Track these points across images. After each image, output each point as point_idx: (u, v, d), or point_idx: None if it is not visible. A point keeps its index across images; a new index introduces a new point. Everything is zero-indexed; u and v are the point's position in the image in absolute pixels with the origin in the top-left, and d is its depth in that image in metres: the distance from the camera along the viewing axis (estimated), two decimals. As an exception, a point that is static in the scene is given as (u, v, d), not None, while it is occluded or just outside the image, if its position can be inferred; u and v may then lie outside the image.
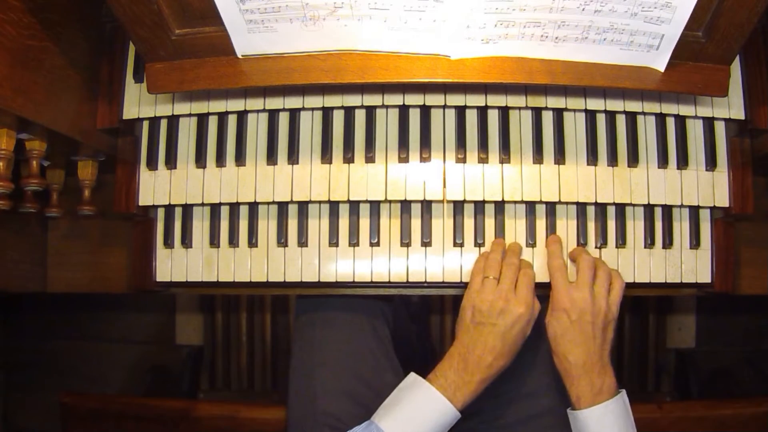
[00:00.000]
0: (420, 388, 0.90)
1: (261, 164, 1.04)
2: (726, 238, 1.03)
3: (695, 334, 1.89)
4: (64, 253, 1.17)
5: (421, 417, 0.88)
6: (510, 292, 0.92)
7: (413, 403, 0.89)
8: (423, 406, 0.89)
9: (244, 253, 1.05)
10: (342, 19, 0.84)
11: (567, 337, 0.91)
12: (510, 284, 0.93)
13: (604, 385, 0.89)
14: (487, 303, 0.92)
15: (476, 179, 1.02)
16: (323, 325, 1.10)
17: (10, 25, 0.82)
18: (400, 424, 0.87)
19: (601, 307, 0.91)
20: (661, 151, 1.03)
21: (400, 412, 0.88)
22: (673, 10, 0.81)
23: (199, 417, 1.29)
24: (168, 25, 0.87)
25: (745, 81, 1.02)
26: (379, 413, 0.90)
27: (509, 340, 0.91)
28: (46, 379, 1.96)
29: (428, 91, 1.02)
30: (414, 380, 0.92)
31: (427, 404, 0.89)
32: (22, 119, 0.86)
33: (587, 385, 0.89)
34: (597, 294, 0.92)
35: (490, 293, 0.93)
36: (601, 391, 0.89)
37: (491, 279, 0.94)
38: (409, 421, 0.88)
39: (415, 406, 0.89)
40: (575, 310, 0.91)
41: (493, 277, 0.95)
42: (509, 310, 0.91)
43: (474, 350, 0.91)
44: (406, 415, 0.88)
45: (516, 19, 0.84)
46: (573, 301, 0.91)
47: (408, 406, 0.89)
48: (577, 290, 0.92)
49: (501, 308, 0.91)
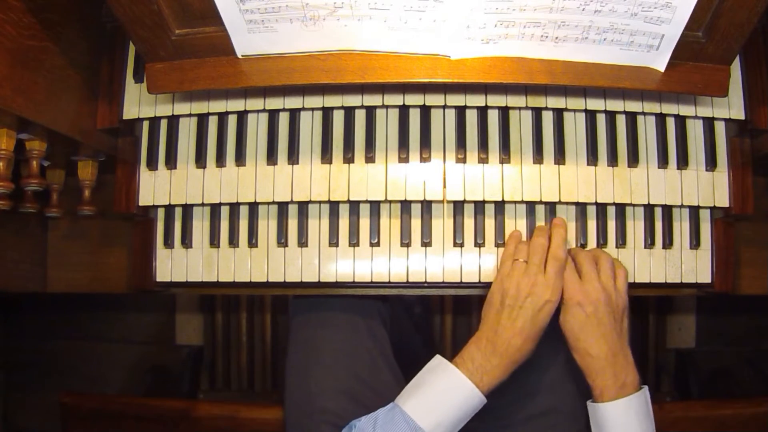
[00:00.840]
0: (445, 371, 0.89)
1: (261, 164, 1.04)
2: (726, 238, 1.03)
3: (695, 334, 1.89)
4: (64, 253, 1.17)
5: (446, 401, 0.86)
6: (539, 275, 0.91)
7: (438, 387, 0.87)
8: (448, 390, 0.87)
9: (244, 254, 1.05)
10: (342, 19, 0.84)
11: (586, 331, 0.90)
12: (538, 267, 0.92)
13: (628, 379, 0.88)
14: (514, 286, 0.91)
15: (476, 179, 1.02)
16: (319, 325, 1.09)
17: (10, 25, 0.82)
18: (424, 406, 0.86)
19: (612, 296, 0.91)
20: (661, 151, 1.03)
21: (424, 395, 0.87)
22: (673, 10, 0.81)
23: (199, 417, 1.29)
24: (168, 25, 0.87)
25: (745, 81, 1.02)
26: (403, 396, 0.88)
27: (538, 322, 0.90)
28: (46, 379, 1.96)
29: (428, 91, 1.02)
30: (439, 363, 0.90)
31: (453, 388, 0.87)
32: (22, 119, 0.86)
33: (611, 377, 0.88)
34: (606, 284, 0.91)
35: (519, 276, 0.92)
36: (625, 384, 0.88)
37: (521, 262, 0.94)
38: (433, 405, 0.86)
39: (440, 389, 0.87)
40: (589, 302, 0.90)
41: (522, 260, 0.94)
42: (536, 293, 0.90)
43: (503, 333, 0.90)
44: (431, 398, 0.87)
45: (516, 19, 0.84)
46: (586, 294, 0.90)
47: (433, 389, 0.87)
48: (587, 283, 0.91)
49: (528, 292, 0.91)
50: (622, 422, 0.86)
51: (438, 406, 0.86)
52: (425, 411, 0.85)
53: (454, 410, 0.86)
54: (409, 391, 0.88)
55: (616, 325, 0.90)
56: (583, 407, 1.05)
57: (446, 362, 0.90)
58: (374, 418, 0.87)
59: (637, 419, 0.86)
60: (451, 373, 0.88)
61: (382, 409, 0.88)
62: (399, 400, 0.88)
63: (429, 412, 0.85)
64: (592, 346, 0.89)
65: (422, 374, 0.90)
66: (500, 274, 0.95)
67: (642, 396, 0.88)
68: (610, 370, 0.88)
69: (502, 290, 0.93)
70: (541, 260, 0.93)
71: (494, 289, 0.94)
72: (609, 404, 0.87)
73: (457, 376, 0.87)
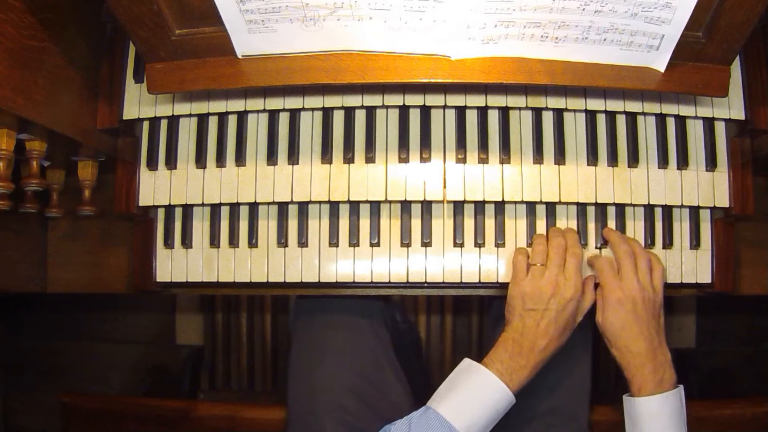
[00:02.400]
0: (477, 372, 0.90)
1: (261, 164, 1.04)
2: (726, 238, 1.03)
3: (695, 335, 1.89)
4: (64, 254, 1.17)
5: (479, 401, 0.88)
6: (560, 276, 0.93)
7: (470, 388, 0.89)
8: (480, 390, 0.88)
9: (244, 254, 1.05)
10: (342, 19, 0.84)
11: (627, 329, 0.91)
12: (558, 268, 0.94)
13: (666, 375, 0.90)
14: (537, 289, 0.93)
15: (476, 179, 1.02)
16: (323, 325, 1.10)
17: (10, 25, 0.82)
18: (457, 407, 0.87)
19: (649, 292, 0.92)
20: (662, 151, 1.03)
21: (456, 397, 0.88)
22: (674, 10, 0.81)
23: (200, 417, 1.29)
24: (168, 25, 0.87)
25: (745, 81, 1.02)
26: (435, 399, 0.89)
27: (561, 323, 0.92)
28: (46, 379, 1.96)
29: (428, 91, 1.02)
30: (470, 365, 0.91)
31: (484, 388, 0.89)
32: (22, 119, 0.86)
33: (651, 373, 0.89)
34: (643, 281, 0.93)
35: (539, 279, 0.94)
36: (663, 380, 0.89)
37: (538, 266, 0.95)
38: (466, 405, 0.87)
39: (473, 390, 0.89)
40: (629, 299, 0.91)
41: (540, 263, 0.95)
42: (559, 293, 0.92)
43: (528, 335, 0.91)
44: (464, 399, 0.88)
45: (516, 20, 0.84)
46: (624, 291, 0.92)
47: (465, 390, 0.89)
48: (625, 280, 0.93)
49: (551, 293, 0.92)
50: (657, 417, 0.88)
51: (471, 406, 0.87)
52: (458, 412, 0.87)
53: (487, 410, 0.87)
54: (441, 394, 0.90)
55: (654, 321, 0.92)
56: (583, 407, 1.05)
57: (477, 364, 0.91)
58: (408, 421, 0.88)
59: (670, 416, 0.88)
60: (483, 374, 0.89)
61: (416, 412, 0.89)
62: (432, 403, 0.89)
63: (462, 413, 0.87)
64: (633, 343, 0.91)
65: (453, 377, 0.92)
66: (516, 279, 0.96)
67: (678, 394, 0.90)
68: (650, 365, 0.89)
69: (523, 294, 0.94)
70: (561, 260, 0.95)
71: (514, 294, 0.95)
72: (646, 399, 0.88)
73: (488, 377, 0.89)
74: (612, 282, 0.93)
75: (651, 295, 0.93)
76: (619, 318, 0.92)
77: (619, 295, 0.92)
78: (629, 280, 0.92)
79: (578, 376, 1.05)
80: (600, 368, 1.72)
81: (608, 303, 0.93)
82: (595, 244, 1.03)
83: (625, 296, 0.92)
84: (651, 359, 0.90)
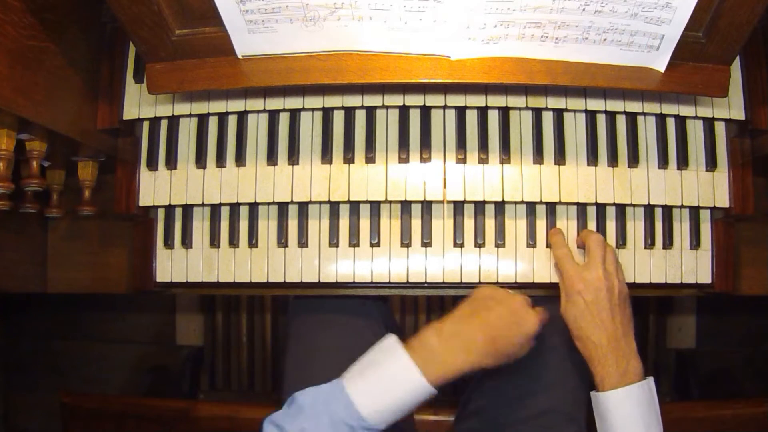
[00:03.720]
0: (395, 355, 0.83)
1: (261, 165, 1.04)
2: (726, 238, 1.03)
3: (695, 335, 1.89)
4: (65, 254, 1.17)
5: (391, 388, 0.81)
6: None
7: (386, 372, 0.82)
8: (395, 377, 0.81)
9: (244, 254, 1.05)
10: (342, 19, 0.84)
11: (586, 319, 0.90)
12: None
13: (630, 367, 0.87)
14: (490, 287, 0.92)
15: (476, 180, 1.02)
16: (319, 325, 1.09)
17: (10, 25, 0.82)
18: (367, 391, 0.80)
19: (614, 284, 0.91)
20: (662, 151, 1.03)
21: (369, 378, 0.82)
22: (674, 10, 0.81)
23: (200, 417, 1.29)
24: (168, 25, 0.87)
25: (745, 81, 1.02)
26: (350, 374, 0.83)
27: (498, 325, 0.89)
28: (46, 379, 1.96)
29: (428, 91, 1.02)
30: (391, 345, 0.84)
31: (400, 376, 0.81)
32: (22, 119, 0.86)
33: (613, 364, 0.87)
34: (609, 271, 0.92)
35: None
36: (626, 372, 0.87)
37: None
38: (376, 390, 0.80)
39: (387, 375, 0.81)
40: (590, 290, 0.90)
41: None
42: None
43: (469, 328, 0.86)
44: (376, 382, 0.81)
45: (516, 20, 0.84)
46: (586, 282, 0.91)
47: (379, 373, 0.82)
48: (589, 271, 0.92)
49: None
50: (623, 412, 0.85)
51: (381, 392, 0.81)
52: (367, 396, 0.80)
53: (398, 400, 0.81)
54: (356, 371, 0.83)
55: (619, 311, 0.90)
56: (580, 408, 1.05)
57: (398, 347, 0.83)
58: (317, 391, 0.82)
59: (639, 409, 0.85)
60: (401, 359, 0.82)
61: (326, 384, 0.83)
62: (345, 379, 0.83)
63: (371, 398, 0.80)
64: (593, 333, 0.89)
65: (373, 353, 0.85)
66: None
67: (645, 386, 0.87)
68: (612, 356, 0.88)
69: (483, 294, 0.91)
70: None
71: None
72: (610, 393, 0.86)
73: (406, 365, 0.81)
74: (573, 273, 0.92)
75: (617, 285, 0.91)
76: (578, 308, 0.90)
77: (580, 286, 0.91)
78: (593, 270, 0.91)
79: (577, 376, 1.05)
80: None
81: (569, 294, 0.92)
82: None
83: (586, 287, 0.90)
84: (612, 350, 0.88)
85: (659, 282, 1.02)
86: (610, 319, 0.89)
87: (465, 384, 1.14)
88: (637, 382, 0.86)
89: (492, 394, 1.06)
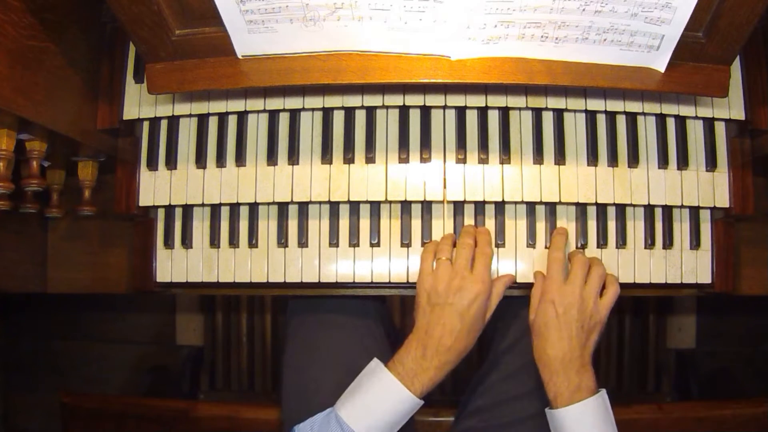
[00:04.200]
0: (378, 374, 0.89)
1: (261, 165, 1.04)
2: (726, 238, 1.03)
3: (695, 335, 1.89)
4: (65, 254, 1.17)
5: (379, 405, 0.87)
6: (466, 270, 0.92)
7: (371, 391, 0.88)
8: (381, 394, 0.88)
9: (244, 254, 1.05)
10: (342, 19, 0.84)
11: (550, 329, 0.90)
12: (466, 262, 0.93)
13: (582, 383, 0.88)
14: (443, 283, 0.91)
15: (476, 180, 1.02)
16: (317, 325, 1.10)
17: (10, 25, 0.82)
18: (358, 411, 0.87)
19: (588, 308, 0.91)
20: (662, 151, 1.03)
21: (358, 400, 0.88)
22: (674, 10, 0.81)
23: (199, 417, 1.29)
24: (168, 25, 0.87)
25: (745, 81, 1.02)
26: (340, 400, 0.89)
27: (468, 319, 0.90)
28: (46, 379, 1.96)
29: (428, 91, 1.02)
30: (375, 367, 0.91)
31: (385, 391, 0.88)
32: (22, 119, 0.86)
33: (564, 381, 0.88)
34: (587, 294, 0.92)
35: (446, 273, 0.92)
36: (579, 388, 0.87)
37: (444, 260, 0.94)
38: (366, 409, 0.87)
39: (374, 393, 0.88)
40: (563, 303, 0.90)
41: (446, 258, 0.94)
42: (466, 287, 0.90)
43: (433, 333, 0.90)
44: (364, 402, 0.88)
45: (516, 20, 0.84)
46: (562, 294, 0.91)
47: (366, 393, 0.88)
48: (569, 285, 0.92)
49: (458, 286, 0.91)
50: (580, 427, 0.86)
51: (371, 410, 0.87)
52: (358, 415, 0.86)
53: (387, 414, 0.87)
54: (345, 396, 0.90)
55: (582, 334, 0.90)
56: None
57: (381, 366, 0.90)
58: (312, 422, 0.88)
59: (595, 423, 0.86)
60: (384, 376, 0.89)
61: (320, 413, 0.89)
62: (336, 405, 0.89)
63: (362, 417, 0.86)
64: (552, 346, 0.89)
65: (359, 378, 0.91)
66: (423, 274, 0.95)
67: (599, 399, 0.87)
68: (564, 373, 0.88)
69: (428, 289, 0.93)
70: (468, 256, 0.93)
71: (419, 291, 0.94)
72: (563, 410, 0.86)
73: (389, 380, 0.88)
74: (554, 282, 0.93)
75: (590, 310, 0.91)
76: (547, 316, 0.91)
77: (555, 296, 0.91)
78: (572, 286, 0.91)
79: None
80: (599, 368, 1.72)
81: (542, 301, 0.92)
82: (596, 245, 1.03)
83: (561, 299, 0.91)
84: (565, 367, 0.88)
85: (659, 282, 1.02)
86: (571, 337, 0.89)
87: (465, 384, 1.14)
88: (591, 397, 0.87)
89: (492, 394, 1.06)
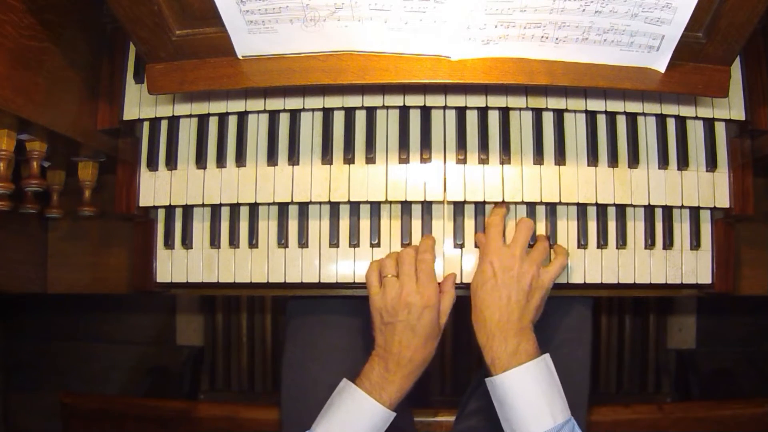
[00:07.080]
0: (348, 391, 0.91)
1: (261, 165, 1.04)
2: (726, 238, 1.03)
3: (696, 335, 1.89)
4: (65, 254, 1.17)
5: (352, 420, 0.89)
6: (411, 283, 0.92)
7: (343, 407, 0.90)
8: (353, 409, 0.90)
9: (244, 254, 1.05)
10: (342, 20, 0.84)
11: (486, 289, 0.91)
12: (410, 277, 0.93)
13: (521, 346, 0.87)
14: (391, 300, 0.92)
15: (477, 180, 1.02)
16: (316, 325, 1.10)
17: (10, 25, 0.82)
18: (334, 428, 0.89)
19: (528, 270, 0.91)
20: (662, 151, 1.03)
21: (333, 416, 0.90)
22: (674, 11, 0.81)
23: (200, 417, 1.29)
24: (168, 25, 0.87)
25: (745, 82, 1.02)
26: (317, 422, 0.91)
27: (421, 331, 0.91)
28: (46, 379, 1.96)
29: (429, 91, 1.02)
30: (344, 385, 0.93)
31: (356, 407, 0.90)
32: (22, 120, 0.86)
33: (502, 344, 0.87)
34: (528, 258, 0.92)
35: (392, 290, 0.93)
36: (517, 351, 0.87)
37: (390, 277, 0.95)
38: (341, 425, 0.89)
39: (346, 409, 0.90)
40: (500, 263, 0.91)
41: (391, 275, 0.95)
42: (413, 302, 0.91)
43: (391, 350, 0.91)
44: (338, 418, 0.89)
45: (516, 20, 0.84)
46: (500, 255, 0.92)
47: (338, 410, 0.90)
48: (508, 248, 0.93)
49: (405, 302, 0.92)
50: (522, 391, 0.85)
51: (345, 426, 0.89)
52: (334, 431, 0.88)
53: (362, 427, 0.89)
54: (320, 417, 0.91)
55: (521, 298, 0.90)
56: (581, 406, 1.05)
57: (350, 383, 0.92)
58: None
59: (539, 387, 0.85)
60: (353, 392, 0.91)
61: None
62: (312, 427, 0.90)
63: None
64: (488, 307, 0.90)
65: (331, 398, 0.93)
66: (371, 294, 0.95)
67: (541, 363, 0.87)
68: (500, 335, 0.88)
69: (379, 308, 0.94)
70: (411, 269, 0.94)
71: (372, 310, 0.95)
72: (505, 374, 0.86)
73: (358, 395, 0.90)
74: (495, 245, 0.93)
75: (531, 273, 0.91)
76: (484, 276, 0.92)
77: (493, 258, 0.92)
78: (511, 248, 0.92)
79: (577, 376, 1.05)
80: (599, 368, 1.72)
81: (481, 261, 0.94)
82: (596, 245, 1.03)
83: (498, 259, 0.91)
84: (502, 329, 0.88)
85: (659, 282, 1.02)
86: (509, 298, 0.89)
87: (465, 384, 1.14)
88: (532, 360, 0.86)
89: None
